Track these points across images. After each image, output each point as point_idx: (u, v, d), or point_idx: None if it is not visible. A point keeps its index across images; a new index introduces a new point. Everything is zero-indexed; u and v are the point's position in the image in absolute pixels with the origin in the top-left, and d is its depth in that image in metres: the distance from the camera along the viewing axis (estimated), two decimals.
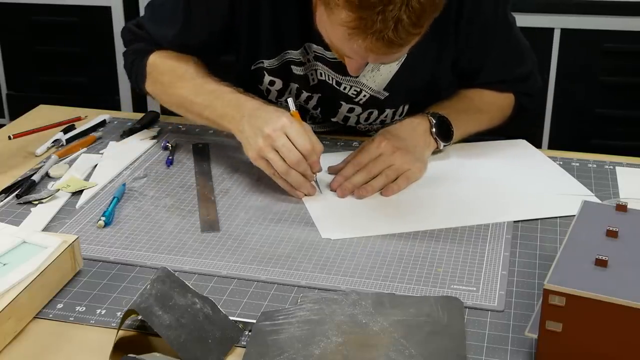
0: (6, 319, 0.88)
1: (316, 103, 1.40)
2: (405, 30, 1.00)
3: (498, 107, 1.42)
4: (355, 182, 1.22)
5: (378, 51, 1.04)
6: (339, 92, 1.36)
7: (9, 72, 2.97)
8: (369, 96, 1.35)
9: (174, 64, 1.35)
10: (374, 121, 1.41)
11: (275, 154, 1.17)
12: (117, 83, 2.86)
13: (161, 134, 1.46)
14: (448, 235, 1.11)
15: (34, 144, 1.40)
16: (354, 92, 1.35)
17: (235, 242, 1.10)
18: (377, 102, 1.36)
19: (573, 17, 2.44)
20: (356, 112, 1.38)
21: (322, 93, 1.38)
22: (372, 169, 1.23)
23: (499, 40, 1.35)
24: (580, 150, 1.39)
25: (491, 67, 1.37)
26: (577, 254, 0.85)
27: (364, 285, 1.00)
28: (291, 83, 1.38)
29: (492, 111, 1.41)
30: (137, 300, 0.88)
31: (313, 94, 1.38)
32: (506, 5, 1.35)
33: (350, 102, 1.37)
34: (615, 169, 1.30)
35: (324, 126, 1.46)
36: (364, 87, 1.34)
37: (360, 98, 1.35)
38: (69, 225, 1.14)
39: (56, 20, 2.83)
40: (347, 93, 1.35)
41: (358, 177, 1.22)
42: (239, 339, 0.89)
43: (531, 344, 0.88)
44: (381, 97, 1.35)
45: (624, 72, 2.51)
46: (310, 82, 1.37)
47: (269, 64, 1.36)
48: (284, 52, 1.34)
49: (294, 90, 1.39)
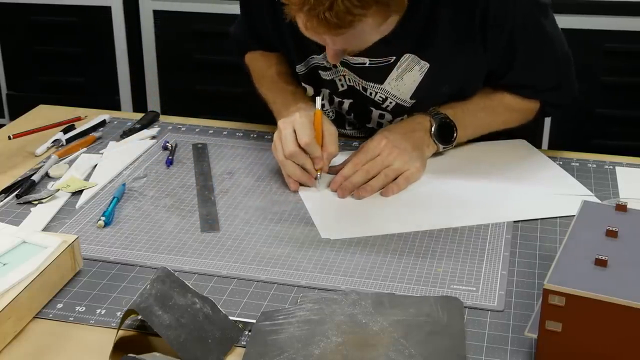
0: (6, 319, 0.88)
1: (348, 109, 1.40)
2: (343, 10, 1.00)
3: (517, 110, 1.37)
4: (355, 182, 1.22)
5: (318, 30, 1.05)
6: (366, 98, 1.35)
7: (9, 72, 2.97)
8: (395, 104, 1.34)
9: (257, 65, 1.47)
10: None
11: (279, 144, 1.23)
12: (117, 83, 2.86)
13: (161, 134, 1.46)
14: (448, 235, 1.11)
15: (34, 144, 1.40)
16: (380, 99, 1.34)
17: (235, 242, 1.10)
18: (404, 110, 1.35)
19: (573, 17, 2.44)
20: (387, 118, 1.37)
21: (353, 99, 1.38)
22: (371, 168, 1.23)
23: (528, 45, 1.28)
24: (580, 150, 1.39)
25: (518, 73, 1.31)
26: (577, 254, 0.85)
27: (364, 285, 1.00)
28: (322, 89, 1.38)
29: (509, 114, 1.36)
30: (137, 300, 0.88)
31: (344, 99, 1.38)
32: (540, 10, 1.28)
33: (379, 108, 1.36)
34: (615, 169, 1.30)
35: (362, 131, 1.44)
36: (389, 94, 1.33)
37: (387, 105, 1.34)
38: (69, 225, 1.14)
39: (56, 20, 2.83)
40: (374, 99, 1.34)
41: (357, 177, 1.22)
42: (239, 339, 0.89)
43: (531, 344, 0.88)
44: (407, 106, 1.33)
45: (624, 72, 2.50)
46: (339, 88, 1.37)
47: (299, 70, 1.38)
48: (309, 57, 1.35)
49: (327, 96, 1.39)
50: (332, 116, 1.42)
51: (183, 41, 2.79)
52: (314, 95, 1.35)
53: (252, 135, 1.45)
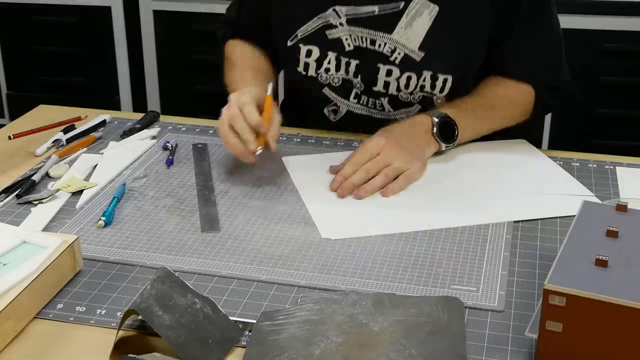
0: (6, 319, 0.88)
1: (355, 70, 1.40)
2: None
3: (515, 103, 1.39)
4: (355, 182, 1.22)
5: None
6: (374, 54, 1.36)
7: (9, 72, 2.97)
8: (403, 54, 1.35)
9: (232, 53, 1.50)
10: (414, 89, 1.38)
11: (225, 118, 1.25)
12: (117, 83, 2.87)
13: (161, 134, 1.46)
14: (448, 235, 1.11)
15: (34, 144, 1.40)
16: (389, 50, 1.35)
17: (235, 242, 1.10)
18: (413, 64, 1.36)
19: (573, 17, 2.44)
20: (394, 75, 1.37)
21: (360, 59, 1.38)
22: (372, 168, 1.23)
23: (531, 6, 1.33)
24: (580, 150, 1.39)
25: (516, 42, 1.35)
26: (577, 254, 0.85)
27: (364, 285, 1.00)
28: (329, 52, 1.39)
29: (508, 108, 1.39)
30: (137, 300, 0.88)
31: (350, 59, 1.39)
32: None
33: (387, 62, 1.36)
34: (616, 169, 1.30)
35: (368, 106, 1.43)
36: (397, 44, 1.34)
37: (395, 57, 1.35)
38: (69, 225, 1.14)
39: (56, 20, 2.84)
40: (382, 51, 1.35)
41: (357, 177, 1.22)
42: (239, 339, 0.89)
43: (531, 344, 0.88)
44: (417, 58, 1.35)
45: (624, 72, 2.51)
46: (345, 47, 1.38)
47: (303, 32, 1.38)
48: (316, 17, 1.36)
49: (333, 60, 1.39)
50: (338, 83, 1.42)
51: (183, 41, 2.79)
52: (322, 66, 1.39)
53: None
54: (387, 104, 1.42)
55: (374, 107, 1.43)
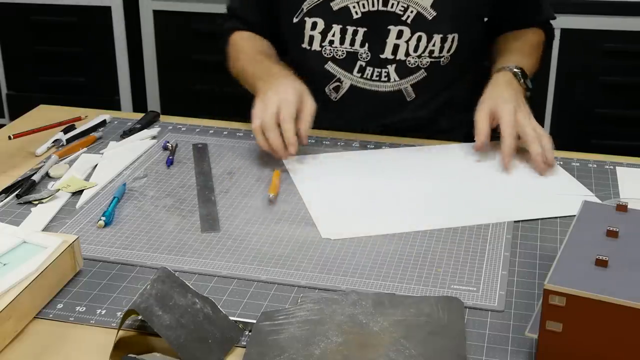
0: (6, 319, 0.88)
1: (363, 38, 1.41)
2: None
3: (539, 44, 1.54)
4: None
5: None
6: (385, 16, 1.38)
7: (9, 72, 2.97)
8: (415, 13, 1.37)
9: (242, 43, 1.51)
10: (423, 52, 1.40)
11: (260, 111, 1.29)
12: (117, 83, 2.87)
13: (161, 134, 1.46)
14: (448, 235, 1.11)
15: (34, 144, 1.40)
16: (401, 9, 1.37)
17: (235, 242, 1.10)
18: (425, 23, 1.38)
19: (573, 17, 2.45)
20: (405, 36, 1.39)
21: (368, 25, 1.39)
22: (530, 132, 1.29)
23: None
24: (580, 150, 1.39)
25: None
26: (578, 254, 0.85)
27: (364, 285, 1.00)
28: (333, 24, 1.40)
29: (537, 48, 1.52)
30: (137, 300, 0.88)
31: (358, 27, 1.40)
32: None
33: (399, 22, 1.38)
34: (616, 169, 1.30)
35: (372, 79, 1.44)
36: (410, 2, 1.36)
37: (408, 15, 1.37)
38: (69, 225, 1.14)
39: (56, 20, 2.84)
40: (395, 10, 1.37)
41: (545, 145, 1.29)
42: (239, 339, 0.89)
43: (531, 344, 0.88)
44: (429, 17, 1.37)
45: (624, 72, 2.51)
46: (353, 16, 1.39)
47: (308, 5, 1.39)
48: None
49: (338, 32, 1.40)
50: (342, 55, 1.43)
51: (183, 41, 2.79)
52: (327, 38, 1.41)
53: (253, 135, 1.45)
54: (394, 72, 1.43)
55: (378, 79, 1.44)
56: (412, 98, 1.45)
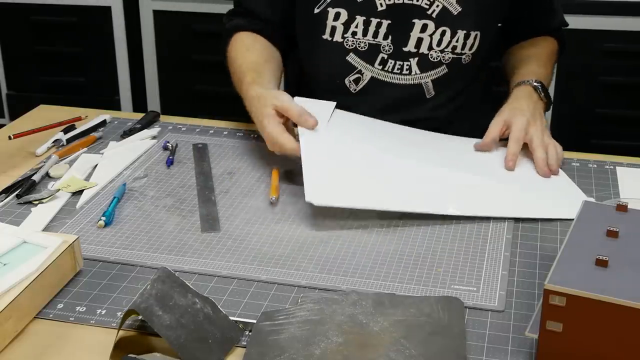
0: (6, 319, 0.88)
1: (386, 30, 1.40)
2: None
3: (554, 52, 1.55)
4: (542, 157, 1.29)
5: None
6: (411, 8, 1.37)
7: (9, 72, 2.97)
8: (441, 7, 1.37)
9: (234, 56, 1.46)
10: (446, 47, 1.40)
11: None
12: (117, 83, 2.86)
13: (161, 134, 1.46)
14: (448, 235, 1.11)
15: (34, 144, 1.40)
16: (427, 2, 1.36)
17: (235, 242, 1.10)
18: (449, 18, 1.38)
19: (573, 17, 2.44)
20: (429, 30, 1.39)
21: (392, 18, 1.39)
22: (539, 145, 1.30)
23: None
24: (580, 150, 1.39)
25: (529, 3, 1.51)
26: (578, 254, 0.85)
27: (364, 285, 1.00)
28: (357, 16, 1.39)
29: (552, 57, 1.53)
30: (137, 300, 0.88)
31: (382, 19, 1.39)
32: None
33: (423, 16, 1.38)
34: (616, 169, 1.30)
35: (394, 72, 1.43)
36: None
37: (434, 9, 1.37)
38: (69, 225, 1.14)
39: (56, 20, 2.84)
40: (420, 4, 1.37)
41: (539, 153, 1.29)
42: (239, 339, 0.89)
43: (531, 344, 0.88)
44: (454, 12, 1.37)
45: (624, 72, 2.51)
46: (377, 8, 1.38)
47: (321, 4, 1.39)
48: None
49: (361, 24, 1.39)
50: (364, 47, 1.42)
51: (183, 41, 2.79)
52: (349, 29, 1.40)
53: (253, 135, 1.45)
54: (415, 66, 1.42)
55: (399, 72, 1.43)
56: (432, 95, 1.45)
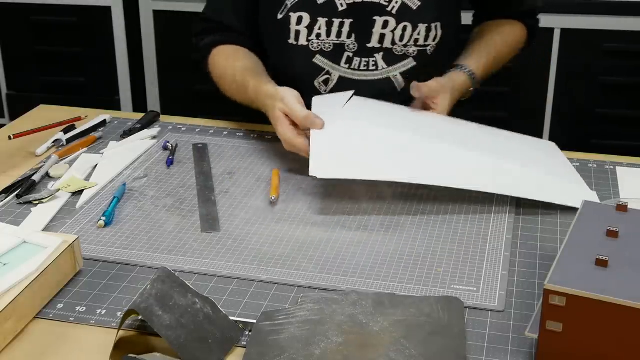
0: (6, 319, 0.88)
1: (349, 29, 1.41)
2: None
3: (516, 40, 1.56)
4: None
5: None
6: (370, 6, 1.39)
7: (9, 72, 2.97)
8: (401, 3, 1.38)
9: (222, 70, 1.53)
10: (409, 42, 1.41)
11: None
12: (117, 83, 2.86)
13: (161, 134, 1.46)
14: (448, 235, 1.11)
15: (34, 144, 1.40)
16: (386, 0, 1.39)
17: (235, 242, 1.10)
18: (409, 13, 1.39)
19: (573, 17, 2.44)
20: (390, 26, 1.40)
21: (354, 17, 1.40)
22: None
23: None
24: (580, 150, 1.39)
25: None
26: (578, 254, 0.85)
27: (364, 285, 1.00)
28: (319, 18, 1.40)
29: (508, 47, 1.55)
30: (137, 300, 0.88)
31: (344, 19, 1.40)
32: None
33: (384, 12, 1.39)
34: (616, 169, 1.31)
35: (360, 69, 1.44)
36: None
37: (393, 6, 1.39)
38: (69, 225, 1.14)
39: (56, 20, 2.83)
40: (380, 1, 1.38)
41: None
42: (240, 339, 0.89)
43: (531, 344, 0.88)
44: (413, 7, 1.39)
45: (624, 72, 2.51)
46: (338, 8, 1.40)
47: (292, 0, 1.40)
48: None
49: (324, 25, 1.41)
50: (329, 48, 1.43)
51: (183, 41, 2.79)
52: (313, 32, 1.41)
53: (253, 135, 1.45)
54: (382, 60, 1.43)
55: (367, 68, 1.44)
56: (402, 87, 1.45)
